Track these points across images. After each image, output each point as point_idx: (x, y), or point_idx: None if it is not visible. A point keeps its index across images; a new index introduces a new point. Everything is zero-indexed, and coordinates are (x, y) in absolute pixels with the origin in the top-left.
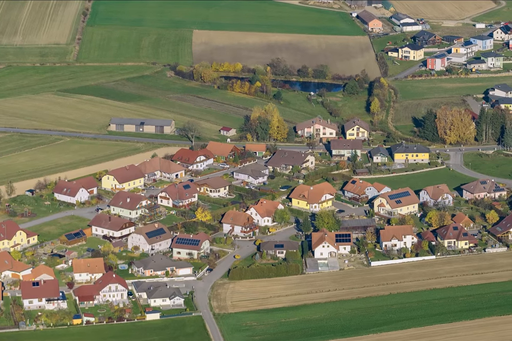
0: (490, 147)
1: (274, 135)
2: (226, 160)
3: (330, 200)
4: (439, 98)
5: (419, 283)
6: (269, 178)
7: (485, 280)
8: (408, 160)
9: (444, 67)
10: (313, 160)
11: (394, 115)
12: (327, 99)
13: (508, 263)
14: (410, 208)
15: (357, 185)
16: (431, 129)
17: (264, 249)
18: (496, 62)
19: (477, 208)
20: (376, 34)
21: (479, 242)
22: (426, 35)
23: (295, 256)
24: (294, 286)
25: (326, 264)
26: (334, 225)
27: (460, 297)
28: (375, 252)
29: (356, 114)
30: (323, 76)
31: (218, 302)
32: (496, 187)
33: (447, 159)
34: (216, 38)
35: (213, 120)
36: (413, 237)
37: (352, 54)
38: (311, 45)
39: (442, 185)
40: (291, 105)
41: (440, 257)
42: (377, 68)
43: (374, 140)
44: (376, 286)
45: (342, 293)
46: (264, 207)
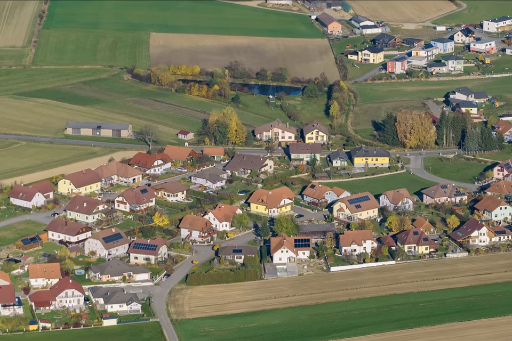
0: (451, 151)
1: (232, 138)
2: (184, 164)
3: (289, 204)
4: (399, 102)
5: (379, 288)
6: (227, 183)
7: (445, 285)
8: (368, 164)
9: (404, 70)
10: (272, 164)
11: (354, 118)
12: (286, 102)
13: (468, 268)
14: (370, 212)
15: (316, 190)
16: (391, 132)
17: (222, 254)
18: (456, 65)
19: (437, 212)
20: (336, 37)
21: (439, 247)
22: (386, 38)
23: (253, 261)
24: (252, 292)
25: (285, 269)
26: (293, 229)
27: (420, 303)
28: (335, 257)
29: (315, 117)
30: (282, 79)
31: (176, 308)
32: (457, 192)
33: (407, 163)
34: (174, 40)
35: (171, 123)
36: (372, 242)
37: (311, 57)
38: (270, 47)
39: (403, 190)
40: (249, 109)
41: (400, 262)
42: (337, 71)
43: (334, 144)
44: (335, 292)
45: (301, 299)
46: (222, 212)
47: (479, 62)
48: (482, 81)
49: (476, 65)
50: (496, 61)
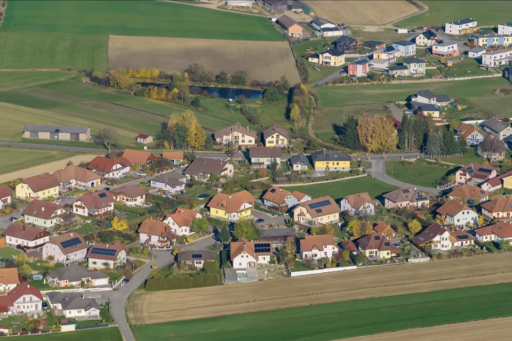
0: (413, 155)
1: (192, 142)
2: (143, 168)
3: (249, 209)
4: (360, 105)
5: (340, 293)
6: (187, 187)
7: (407, 291)
8: (329, 168)
9: (365, 73)
10: (231, 168)
11: (315, 122)
12: (246, 106)
13: (430, 273)
14: (331, 217)
15: (277, 194)
16: (352, 136)
17: (181, 259)
18: (418, 68)
19: (399, 217)
20: (296, 39)
21: (401, 252)
22: (348, 41)
23: (213, 266)
24: (212, 297)
25: (245, 274)
26: (253, 234)
27: (382, 308)
28: (295, 262)
29: (275, 121)
30: (242, 82)
31: (135, 313)
32: (419, 196)
33: (368, 167)
34: (133, 43)
35: (130, 127)
36: (333, 247)
37: (271, 59)
38: (230, 50)
39: (364, 194)
40: (209, 112)
41: (361, 267)
42: (297, 74)
43: (294, 148)
44: (296, 297)
45: (261, 304)
46: (182, 216)
47: (441, 65)
48: (445, 84)
49: (438, 68)
50: (458, 63)
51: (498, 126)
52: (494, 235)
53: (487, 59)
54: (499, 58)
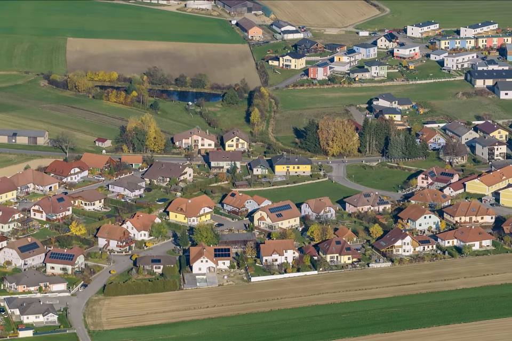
0: (374, 159)
1: (151, 146)
2: (101, 172)
3: (208, 213)
4: (321, 108)
5: (301, 299)
6: (146, 191)
7: (368, 296)
8: (289, 172)
9: (326, 76)
10: (191, 172)
11: (275, 126)
12: (206, 109)
13: (392, 279)
14: (291, 221)
15: (237, 198)
16: (313, 140)
17: (140, 264)
18: (380, 71)
19: (360, 221)
20: (257, 42)
21: (362, 257)
22: (308, 44)
23: (172, 271)
24: (171, 303)
25: (205, 279)
26: (213, 239)
27: (343, 314)
28: (255, 267)
29: (235, 124)
30: (201, 85)
31: (93, 319)
32: (380, 200)
33: (329, 171)
34: (91, 46)
35: (88, 130)
36: (294, 252)
37: (231, 62)
38: (189, 53)
39: (325, 198)
40: (168, 116)
41: (322, 272)
42: (258, 77)
43: (254, 152)
44: (256, 303)
45: (221, 310)
46: (141, 221)
47: (403, 68)
48: (406, 87)
49: (399, 71)
50: (420, 66)
51: (460, 129)
52: (456, 239)
53: (449, 62)
54: (461, 61)
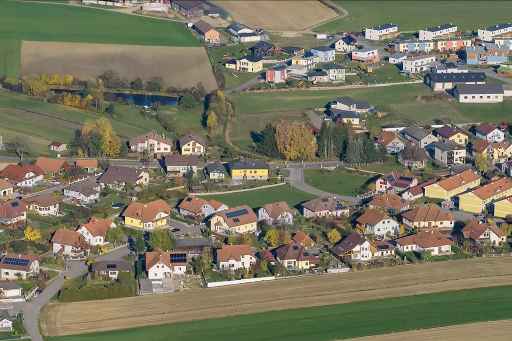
0: (332, 163)
1: (106, 150)
2: (56, 177)
3: (165, 218)
4: (278, 112)
5: (258, 305)
6: (101, 196)
7: (326, 302)
8: (247, 177)
9: (284, 80)
10: (147, 176)
11: (232, 129)
12: (162, 113)
13: (350, 284)
14: (248, 226)
15: (193, 203)
16: (270, 144)
17: (96, 270)
18: (338, 74)
19: (318, 226)
20: (213, 45)
21: (320, 262)
22: (265, 46)
23: (128, 276)
24: (127, 308)
25: (161, 285)
26: (169, 244)
27: (301, 319)
28: (212, 272)
29: (191, 128)
30: (157, 89)
31: (48, 324)
32: (338, 205)
33: (287, 175)
34: (46, 49)
35: (43, 134)
36: (251, 257)
37: (187, 65)
38: (145, 56)
39: (282, 203)
40: (124, 119)
41: (279, 278)
42: (214, 80)
43: (211, 156)
44: (213, 308)
45: (177, 316)
46: (96, 226)
47: (361, 71)
48: (365, 91)
49: (357, 74)
50: (378, 69)
51: (419, 133)
52: (415, 245)
53: (408, 65)
54: (420, 64)
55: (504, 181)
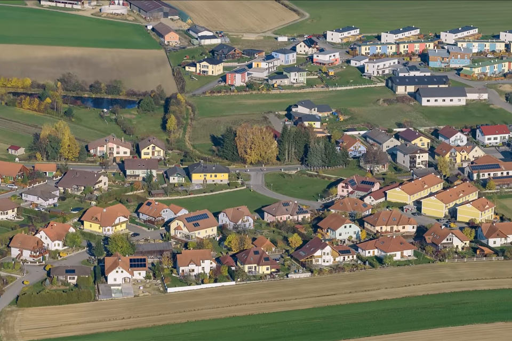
0: (293, 167)
1: (65, 154)
2: (14, 181)
3: (124, 222)
4: (239, 115)
5: (218, 310)
6: (60, 200)
7: (287, 307)
8: (207, 181)
9: (244, 83)
10: (106, 180)
11: (192, 133)
12: (121, 116)
13: (311, 289)
14: (208, 231)
15: (153, 207)
16: (230, 147)
17: (54, 275)
18: (299, 77)
19: (279, 231)
20: (173, 47)
21: (281, 267)
22: (226, 49)
23: (87, 281)
24: (86, 314)
25: (120, 290)
26: (128, 249)
27: (261, 325)
28: (172, 277)
29: (151, 132)
30: (117, 92)
31: (6, 330)
32: (299, 209)
33: (247, 180)
34: (3, 51)
35: (1, 138)
36: (211, 262)
37: (147, 68)
38: (104, 59)
39: (243, 207)
40: (83, 123)
41: (240, 283)
42: (174, 83)
43: (171, 160)
44: (173, 314)
45: (137, 321)
46: (55, 230)
47: (323, 74)
48: (326, 94)
49: (319, 77)
50: (340, 72)
51: (381, 137)
52: (377, 249)
53: (370, 68)
54: (382, 67)
55: (467, 185)
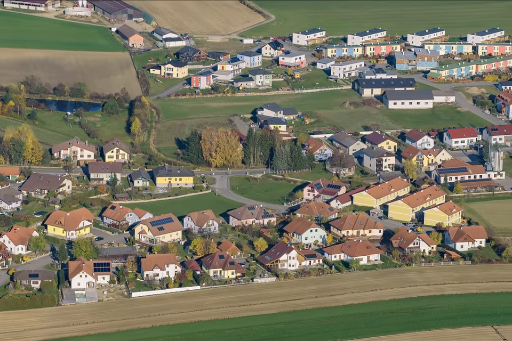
0: (259, 170)
1: (28, 157)
2: None
3: (88, 226)
4: (204, 118)
5: (183, 315)
6: (23, 204)
7: (252, 312)
8: (171, 184)
9: (209, 86)
10: (70, 184)
11: (157, 136)
12: (85, 119)
13: (277, 294)
14: (173, 235)
15: (117, 211)
16: (195, 151)
17: (17, 279)
18: (265, 80)
19: (244, 235)
20: (137, 50)
21: (246, 272)
22: (191, 52)
23: (50, 286)
24: (50, 319)
25: (84, 294)
26: (92, 253)
27: (227, 330)
28: (136, 282)
29: (115, 135)
30: (81, 95)
31: None
32: (265, 213)
33: (212, 183)
34: None
35: None
36: (176, 266)
37: (111, 71)
38: (68, 61)
39: (208, 211)
40: (46, 126)
41: (205, 288)
42: (139, 86)
43: (135, 163)
44: (137, 319)
45: (101, 326)
46: (18, 234)
47: (288, 77)
48: (292, 97)
49: (285, 80)
50: (306, 75)
51: (347, 140)
52: (343, 254)
53: (336, 71)
54: (348, 70)
55: (434, 189)
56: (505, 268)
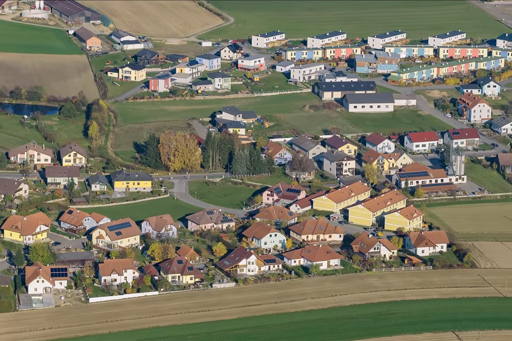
0: (218, 174)
1: None
2: None
3: (45, 231)
4: (162, 122)
5: (141, 320)
6: None
7: (212, 317)
8: (129, 189)
9: (168, 89)
10: (27, 188)
11: (114, 140)
12: (42, 122)
13: (236, 299)
14: (131, 240)
15: (74, 216)
16: (153, 155)
17: None
18: (223, 83)
19: (203, 240)
20: (95, 53)
21: (205, 277)
22: (149, 54)
23: (7, 291)
24: (6, 324)
25: (41, 300)
26: (50, 258)
27: (186, 336)
28: (94, 287)
29: (72, 139)
30: (37, 98)
31: None
32: (224, 218)
33: (171, 187)
34: None
35: None
36: (134, 272)
37: (68, 74)
38: (25, 64)
39: (166, 216)
40: (3, 129)
41: (163, 293)
42: (96, 89)
43: (93, 167)
44: (95, 324)
45: (58, 332)
46: None
47: (248, 80)
48: (251, 100)
49: (244, 83)
50: (265, 78)
51: (307, 144)
52: (303, 259)
53: (296, 74)
54: (308, 73)
55: (394, 193)
56: (467, 273)
